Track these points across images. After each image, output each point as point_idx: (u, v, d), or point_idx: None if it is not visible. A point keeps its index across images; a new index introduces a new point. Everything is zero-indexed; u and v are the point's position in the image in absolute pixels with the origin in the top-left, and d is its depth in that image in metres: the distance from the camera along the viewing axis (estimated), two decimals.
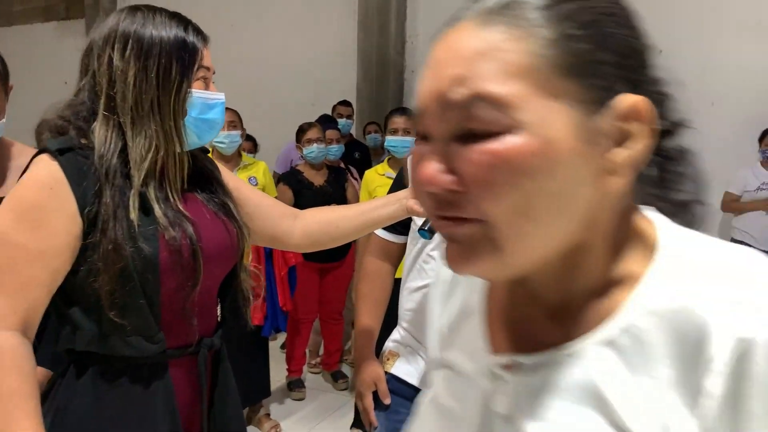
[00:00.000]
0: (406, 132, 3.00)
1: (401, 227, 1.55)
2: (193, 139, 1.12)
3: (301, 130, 3.42)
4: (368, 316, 1.59)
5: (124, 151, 1.04)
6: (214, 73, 1.15)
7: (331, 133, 3.67)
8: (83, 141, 1.03)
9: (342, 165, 3.81)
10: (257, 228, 1.28)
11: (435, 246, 1.46)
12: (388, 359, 1.58)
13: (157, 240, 1.02)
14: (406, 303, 1.56)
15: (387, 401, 1.53)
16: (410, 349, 1.54)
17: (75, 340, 1.04)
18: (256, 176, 3.02)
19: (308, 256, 3.24)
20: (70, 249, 0.99)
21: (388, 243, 1.60)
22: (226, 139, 2.89)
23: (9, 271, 0.96)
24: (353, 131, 5.00)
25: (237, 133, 2.93)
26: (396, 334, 1.61)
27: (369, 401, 1.54)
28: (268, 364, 3.13)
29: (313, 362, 3.79)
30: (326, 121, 4.23)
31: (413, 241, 1.54)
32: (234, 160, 3.00)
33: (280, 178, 3.50)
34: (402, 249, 1.60)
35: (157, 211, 1.04)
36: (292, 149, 3.92)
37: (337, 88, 5.41)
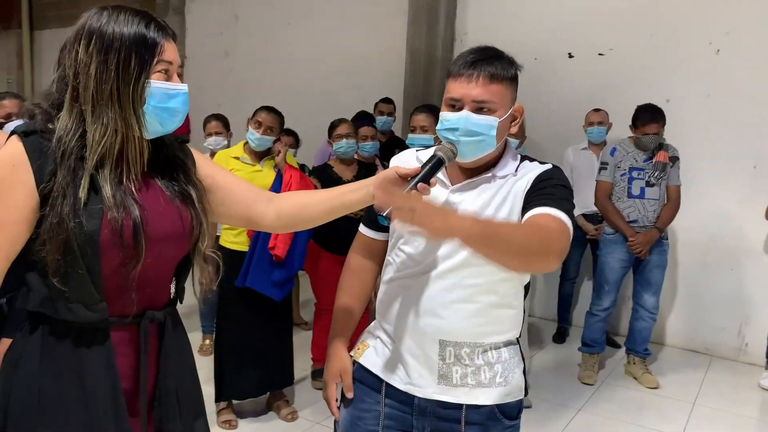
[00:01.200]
0: (424, 130, 3.00)
1: (382, 226, 1.56)
2: (155, 127, 1.19)
3: (332, 126, 3.50)
4: (344, 310, 1.61)
5: (84, 136, 1.13)
6: (181, 66, 1.24)
7: (365, 130, 3.72)
8: (49, 125, 1.14)
9: (378, 162, 3.85)
10: (231, 211, 1.39)
11: (405, 240, 1.48)
12: (358, 348, 1.61)
13: (101, 219, 1.12)
14: (379, 295, 1.59)
15: (349, 395, 1.56)
16: (379, 340, 1.56)
17: (28, 301, 1.16)
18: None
19: (332, 248, 3.30)
20: (27, 221, 1.11)
21: (370, 240, 1.61)
22: (257, 141, 3.04)
23: None
24: (399, 129, 5.03)
25: (270, 138, 3.06)
26: (372, 324, 1.64)
27: (332, 392, 1.58)
28: (291, 353, 3.22)
29: None
30: (362, 118, 4.28)
31: (390, 237, 1.57)
32: (263, 151, 3.11)
33: (310, 172, 3.59)
34: (385, 247, 1.61)
35: (106, 192, 1.13)
36: (327, 145, 4.01)
37: (385, 86, 5.46)
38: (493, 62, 1.38)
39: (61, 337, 1.16)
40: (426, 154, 1.46)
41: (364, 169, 3.49)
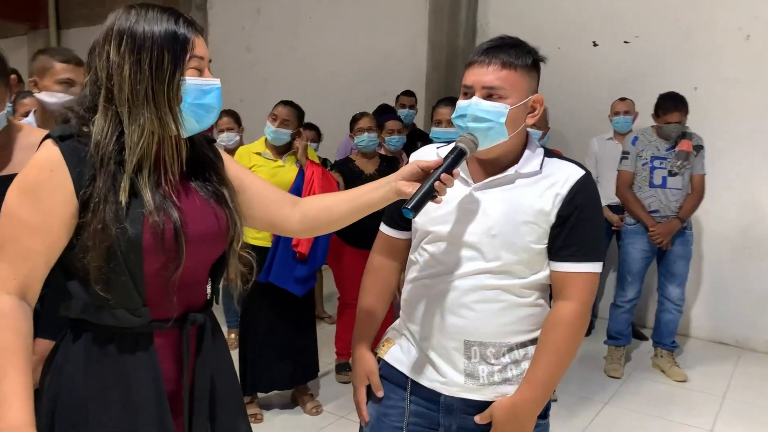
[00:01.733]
0: (450, 123, 2.98)
1: (405, 223, 1.56)
2: (191, 124, 1.18)
3: (354, 120, 3.50)
4: (367, 311, 1.61)
5: (120, 139, 1.12)
6: (210, 61, 1.22)
7: (392, 124, 3.70)
8: (84, 129, 1.13)
9: (404, 155, 3.84)
10: (256, 214, 1.36)
11: (429, 240, 1.47)
12: (383, 345, 1.61)
13: (142, 223, 1.11)
14: (403, 294, 1.59)
15: (380, 394, 1.55)
16: (404, 338, 1.56)
17: (70, 309, 1.16)
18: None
19: (355, 242, 3.31)
20: (66, 226, 1.10)
21: (392, 239, 1.60)
22: (273, 134, 3.07)
23: (12, 242, 1.08)
24: (421, 121, 5.01)
25: (288, 131, 3.08)
26: (396, 321, 1.64)
27: (362, 395, 1.57)
28: (316, 347, 3.25)
29: None
30: (385, 112, 4.27)
31: (413, 236, 1.55)
32: (285, 146, 3.13)
33: (332, 166, 3.59)
34: (408, 245, 1.59)
35: (146, 195, 1.12)
36: (350, 139, 4.01)
37: (407, 78, 5.44)
38: (507, 50, 1.36)
39: (104, 343, 1.16)
40: (447, 150, 1.45)
41: (387, 163, 3.49)
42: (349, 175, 3.34)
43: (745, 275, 4.33)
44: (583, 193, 1.40)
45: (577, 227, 1.38)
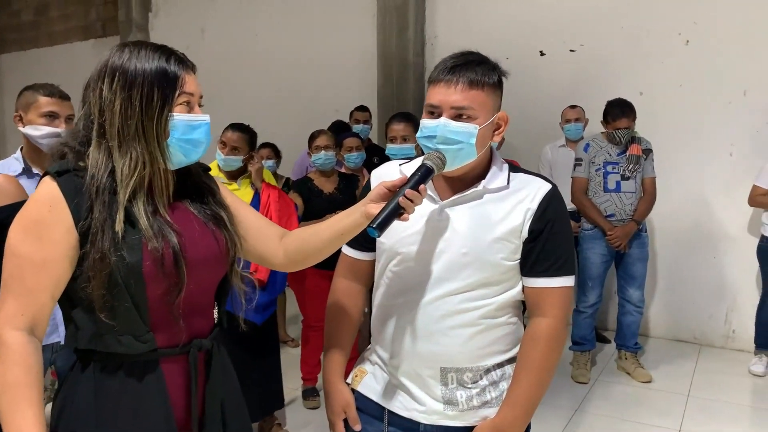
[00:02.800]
0: (405, 139, 2.95)
1: (368, 243, 1.51)
2: (179, 158, 1.21)
3: (312, 137, 3.44)
4: (336, 340, 1.55)
5: (114, 171, 1.15)
6: (201, 97, 1.25)
7: (350, 141, 3.65)
8: (80, 163, 1.16)
9: (364, 172, 3.78)
10: (247, 247, 1.37)
11: (397, 261, 1.43)
12: (356, 375, 1.55)
13: (141, 250, 1.13)
14: (372, 319, 1.53)
15: (357, 428, 1.50)
16: (377, 366, 1.51)
17: (77, 339, 1.17)
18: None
19: (318, 264, 3.20)
20: (69, 258, 1.13)
21: (356, 261, 1.54)
22: (222, 162, 2.95)
23: (18, 278, 1.12)
24: (375, 136, 4.98)
25: (238, 158, 2.97)
26: (367, 349, 1.58)
27: (340, 429, 1.52)
28: (280, 375, 3.13)
29: None
30: (341, 129, 4.22)
31: (379, 257, 1.50)
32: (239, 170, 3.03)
33: (291, 186, 3.51)
34: (372, 267, 1.54)
35: (143, 223, 1.15)
36: (306, 156, 3.94)
37: (358, 93, 5.41)
38: (474, 68, 1.33)
39: (112, 371, 1.18)
40: (410, 167, 1.41)
41: (346, 181, 3.43)
42: (308, 194, 3.26)
43: (698, 271, 4.44)
44: (553, 206, 1.38)
45: (550, 242, 1.36)
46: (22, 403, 1.07)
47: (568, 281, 1.39)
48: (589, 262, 3.80)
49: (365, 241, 1.49)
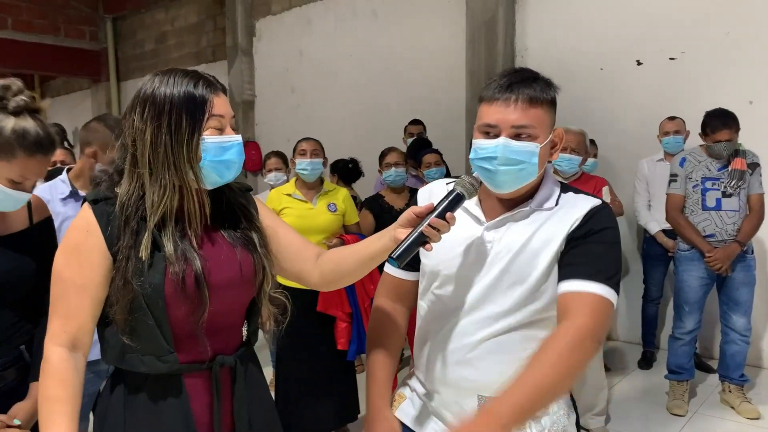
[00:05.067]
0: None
1: (411, 263, 1.43)
2: (213, 179, 1.24)
3: (382, 155, 3.48)
4: (380, 367, 1.48)
5: (143, 199, 1.21)
6: (233, 116, 1.29)
7: (429, 157, 3.68)
8: (116, 190, 1.23)
9: None
10: (285, 265, 1.40)
11: (439, 284, 1.40)
12: (395, 400, 1.53)
13: (164, 274, 1.18)
14: (414, 343, 1.51)
15: None
16: (416, 393, 1.48)
17: (107, 357, 1.25)
18: (336, 203, 3.09)
19: None
20: (106, 280, 1.20)
21: (398, 281, 1.51)
22: (308, 167, 3.02)
23: (62, 300, 1.20)
24: (462, 152, 4.93)
25: (319, 160, 3.05)
26: (408, 375, 1.56)
27: None
28: (356, 389, 3.17)
29: None
30: (421, 146, 4.23)
31: (422, 279, 1.47)
32: (316, 187, 3.10)
33: (362, 204, 3.57)
34: (415, 288, 1.51)
35: (168, 248, 1.19)
36: None
37: (447, 109, 5.40)
38: (531, 84, 1.28)
39: (138, 389, 1.24)
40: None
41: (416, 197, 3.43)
42: (379, 211, 3.30)
43: None
44: (597, 218, 1.30)
45: (586, 247, 1.27)
46: (56, 415, 1.14)
47: (605, 291, 1.22)
48: (686, 285, 3.52)
49: (410, 260, 1.48)
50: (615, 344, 4.80)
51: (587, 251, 1.26)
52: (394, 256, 1.20)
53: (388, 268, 1.53)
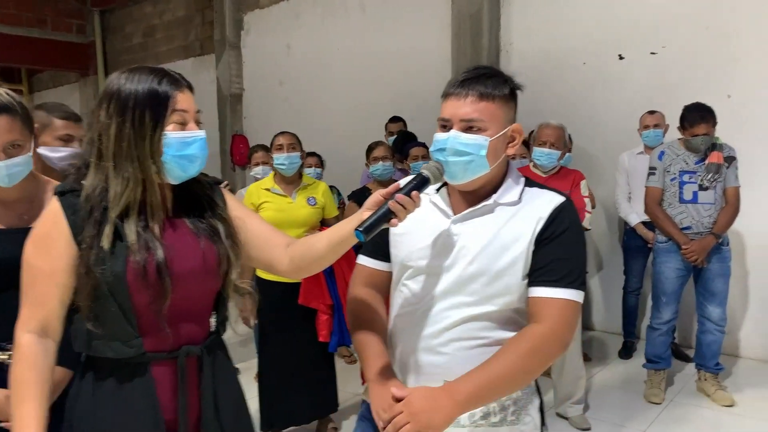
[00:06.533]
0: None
1: (384, 253, 1.52)
2: (176, 173, 1.28)
3: (369, 149, 3.51)
4: (371, 343, 1.45)
5: (107, 191, 1.25)
6: (199, 112, 1.31)
7: (416, 150, 3.69)
8: (83, 182, 1.27)
9: None
10: (253, 254, 1.44)
11: (409, 275, 1.44)
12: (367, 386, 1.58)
13: (126, 263, 1.22)
14: (389, 332, 1.54)
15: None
16: None
17: (76, 343, 1.29)
18: (315, 196, 3.12)
19: None
20: (72, 268, 1.24)
21: (371, 270, 1.54)
22: (286, 161, 3.04)
23: (31, 287, 1.25)
24: None
25: (297, 154, 3.08)
26: None
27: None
28: (335, 379, 3.23)
29: None
30: (406, 140, 4.27)
31: (394, 270, 1.51)
32: (295, 181, 3.14)
33: (349, 196, 3.60)
34: (388, 278, 1.54)
35: (130, 237, 1.23)
36: None
37: (432, 102, 5.43)
38: (484, 81, 1.34)
39: (106, 376, 1.28)
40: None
41: None
42: None
43: None
44: (561, 217, 1.36)
45: (554, 252, 1.33)
46: (25, 398, 1.20)
47: (571, 294, 1.32)
48: (663, 276, 3.59)
49: (382, 250, 1.51)
50: (596, 334, 4.88)
51: (554, 256, 1.33)
52: (361, 229, 1.23)
53: (361, 259, 1.57)
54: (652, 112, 4.15)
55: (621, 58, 4.63)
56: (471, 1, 5.12)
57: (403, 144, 4.14)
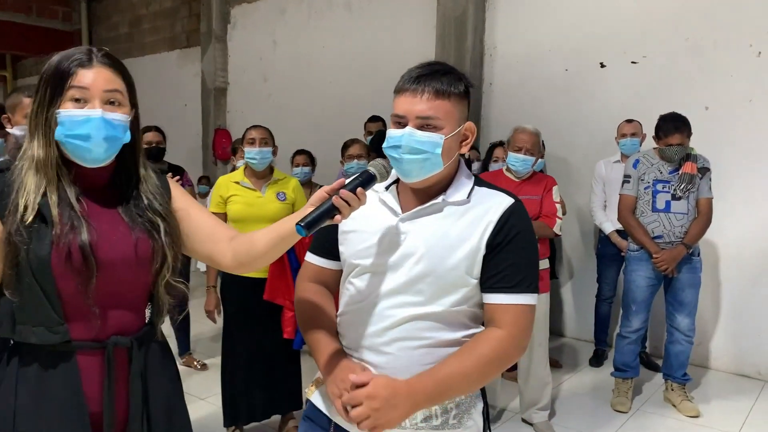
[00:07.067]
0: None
1: (332, 252, 1.48)
2: (76, 153, 1.23)
3: (344, 147, 3.48)
4: (324, 341, 1.42)
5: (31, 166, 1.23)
6: (115, 91, 1.24)
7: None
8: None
9: None
10: (195, 247, 1.41)
11: (355, 273, 1.42)
12: (312, 386, 1.54)
13: (50, 244, 1.18)
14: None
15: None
16: None
17: (1, 328, 1.24)
18: (285, 191, 3.08)
19: None
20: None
21: (319, 269, 1.50)
22: (257, 156, 3.00)
23: None
24: None
25: (269, 149, 3.04)
26: None
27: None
28: (300, 376, 3.19)
29: None
30: (383, 139, 4.24)
31: (342, 268, 1.47)
32: (266, 176, 3.10)
33: None
34: (336, 276, 1.51)
35: (54, 217, 1.19)
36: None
37: None
38: (439, 77, 1.32)
39: (31, 361, 1.24)
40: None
41: None
42: None
43: (767, 302, 4.09)
44: (513, 221, 1.34)
45: (507, 257, 1.32)
46: None
47: (527, 299, 1.32)
48: (634, 285, 3.59)
49: (329, 248, 1.48)
50: (567, 341, 4.88)
51: (508, 262, 1.32)
52: (302, 224, 1.21)
53: (309, 257, 1.54)
54: (629, 121, 4.16)
55: (603, 66, 4.64)
56: (456, 3, 5.12)
57: (379, 143, 4.11)
